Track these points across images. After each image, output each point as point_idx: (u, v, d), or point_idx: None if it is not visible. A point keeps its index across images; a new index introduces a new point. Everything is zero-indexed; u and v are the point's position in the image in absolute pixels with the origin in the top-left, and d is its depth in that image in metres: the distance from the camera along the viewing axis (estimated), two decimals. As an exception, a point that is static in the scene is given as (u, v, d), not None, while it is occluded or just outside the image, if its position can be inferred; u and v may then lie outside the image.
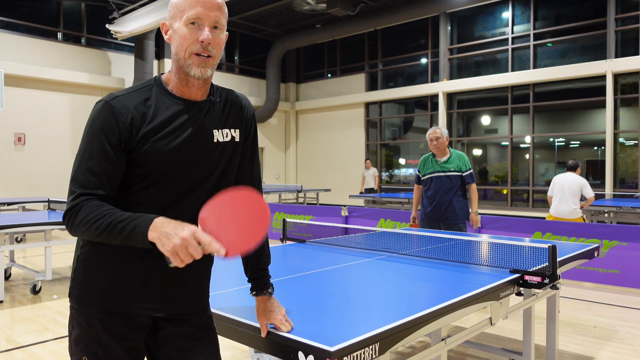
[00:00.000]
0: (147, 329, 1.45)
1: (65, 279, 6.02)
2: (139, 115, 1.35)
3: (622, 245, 5.41)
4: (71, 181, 1.32)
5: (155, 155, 1.35)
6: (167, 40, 1.43)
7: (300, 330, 1.51)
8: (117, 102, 1.34)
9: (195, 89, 1.42)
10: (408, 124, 15.63)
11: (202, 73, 1.37)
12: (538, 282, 2.30)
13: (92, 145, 1.32)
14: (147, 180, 1.37)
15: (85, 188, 1.29)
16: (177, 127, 1.38)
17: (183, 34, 1.36)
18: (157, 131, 1.35)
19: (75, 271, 1.42)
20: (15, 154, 11.61)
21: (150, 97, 1.39)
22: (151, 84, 1.42)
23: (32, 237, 9.23)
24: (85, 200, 1.28)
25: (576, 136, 12.21)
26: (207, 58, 1.38)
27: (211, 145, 1.44)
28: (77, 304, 1.39)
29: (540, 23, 12.38)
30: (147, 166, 1.35)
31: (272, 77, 16.38)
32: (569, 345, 3.74)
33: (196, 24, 1.36)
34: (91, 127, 1.34)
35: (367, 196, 11.92)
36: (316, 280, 2.25)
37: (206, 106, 1.45)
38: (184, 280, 1.46)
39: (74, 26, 12.93)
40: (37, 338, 3.90)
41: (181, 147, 1.38)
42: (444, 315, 1.79)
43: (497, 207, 12.89)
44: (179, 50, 1.38)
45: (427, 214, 4.90)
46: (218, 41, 1.40)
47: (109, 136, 1.32)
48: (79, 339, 1.38)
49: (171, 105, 1.40)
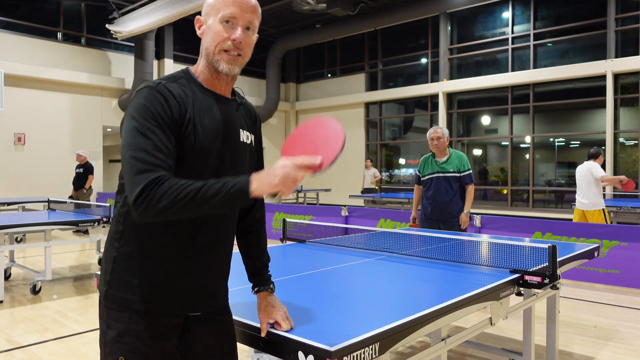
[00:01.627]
0: (180, 330, 1.44)
1: (66, 279, 6.03)
2: (183, 102, 1.35)
3: (622, 245, 5.41)
4: (132, 160, 1.24)
5: (195, 144, 1.34)
6: (200, 35, 1.45)
7: (300, 330, 1.51)
8: (162, 88, 1.34)
9: (224, 84, 1.46)
10: (408, 124, 15.63)
11: (229, 69, 1.40)
12: (538, 282, 2.30)
13: (149, 125, 1.27)
14: (185, 171, 1.34)
15: (153, 166, 1.23)
16: (213, 118, 1.40)
17: (217, 30, 1.39)
18: (195, 120, 1.36)
19: (112, 272, 1.39)
20: (15, 154, 11.61)
21: (185, 87, 1.40)
22: (183, 75, 1.43)
23: (32, 237, 9.23)
24: (160, 177, 1.22)
25: (576, 136, 12.21)
26: (236, 56, 1.41)
27: (239, 143, 1.48)
28: (116, 304, 1.37)
29: (540, 23, 12.38)
30: (188, 155, 1.34)
31: (272, 77, 16.38)
32: (569, 345, 3.74)
33: (230, 22, 1.39)
34: (144, 110, 1.29)
35: (367, 196, 11.92)
36: (316, 280, 2.25)
37: (234, 104, 1.50)
38: (216, 277, 1.49)
39: (74, 26, 12.94)
40: (37, 338, 3.90)
41: (217, 137, 1.40)
42: (444, 315, 1.79)
43: (497, 207, 12.89)
44: (209, 45, 1.40)
45: (427, 214, 4.90)
46: (249, 42, 1.43)
47: (164, 116, 1.29)
48: (116, 339, 1.36)
49: (205, 97, 1.42)
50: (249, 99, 15.43)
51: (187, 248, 1.40)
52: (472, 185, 4.81)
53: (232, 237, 1.55)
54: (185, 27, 14.13)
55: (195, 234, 1.40)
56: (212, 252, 1.46)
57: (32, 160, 11.84)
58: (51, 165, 12.10)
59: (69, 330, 4.10)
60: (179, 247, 1.38)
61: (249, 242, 1.66)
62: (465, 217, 4.74)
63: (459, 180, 4.79)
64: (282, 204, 11.03)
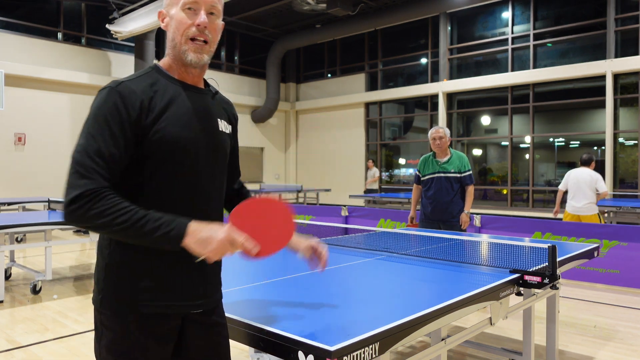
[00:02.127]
0: (176, 333, 1.43)
1: (66, 279, 6.03)
2: (147, 98, 1.33)
3: (622, 245, 5.41)
4: (78, 164, 1.24)
5: (171, 136, 1.34)
6: (164, 28, 1.43)
7: (300, 330, 1.51)
8: (123, 88, 1.32)
9: (194, 75, 1.44)
10: (408, 124, 15.63)
11: (198, 59, 1.39)
12: (538, 282, 2.30)
13: (99, 129, 1.27)
14: (163, 167, 1.34)
15: (94, 173, 1.23)
16: (187, 109, 1.39)
17: (180, 18, 1.37)
18: (167, 112, 1.35)
19: (105, 280, 1.36)
20: (15, 154, 11.61)
21: (156, 82, 1.38)
22: (151, 70, 1.42)
23: (32, 237, 9.23)
24: (100, 190, 1.22)
25: (576, 136, 12.21)
26: (203, 44, 1.38)
27: (218, 132, 1.48)
28: (110, 310, 1.35)
29: (540, 23, 12.38)
30: (163, 150, 1.33)
31: (272, 77, 16.37)
32: (569, 345, 3.74)
33: (192, 9, 1.37)
34: (98, 112, 1.29)
35: (367, 196, 11.93)
36: (316, 280, 2.26)
37: (209, 94, 1.49)
38: (211, 274, 1.49)
39: (74, 26, 12.94)
40: (37, 338, 3.90)
41: (194, 127, 1.39)
42: (444, 315, 1.79)
43: (497, 207, 12.89)
44: (175, 36, 1.38)
45: (427, 214, 4.90)
46: (214, 26, 1.41)
47: (118, 122, 1.28)
48: (112, 344, 1.34)
49: (176, 88, 1.40)
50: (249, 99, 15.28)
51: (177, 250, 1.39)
52: (472, 186, 4.83)
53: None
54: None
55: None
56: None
57: (32, 160, 11.84)
58: (51, 165, 12.10)
59: (69, 330, 4.10)
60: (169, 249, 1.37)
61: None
62: (465, 217, 4.75)
63: (460, 180, 4.80)
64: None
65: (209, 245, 1.21)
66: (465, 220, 4.74)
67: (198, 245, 1.22)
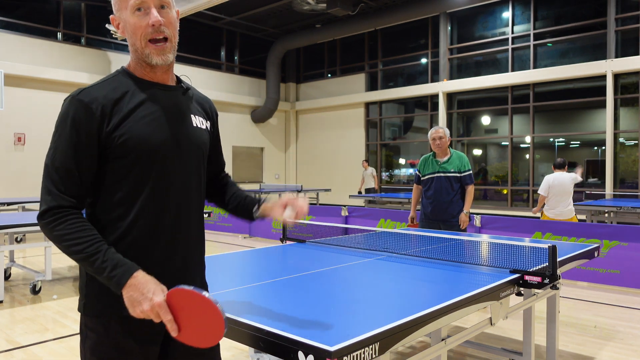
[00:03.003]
0: (162, 335, 1.42)
1: (65, 279, 6.03)
2: (110, 103, 1.32)
3: (622, 245, 5.41)
4: (46, 177, 1.29)
5: (137, 137, 1.32)
6: (121, 34, 1.41)
7: (300, 330, 1.51)
8: (85, 95, 1.31)
9: (162, 74, 1.42)
10: (408, 124, 15.63)
11: (163, 60, 1.37)
12: (538, 282, 2.30)
13: (65, 141, 1.29)
14: (135, 170, 1.34)
15: (61, 187, 1.28)
16: (155, 108, 1.37)
17: (133, 22, 1.34)
18: (133, 114, 1.33)
19: (87, 285, 1.38)
20: (15, 154, 11.61)
21: (120, 85, 1.36)
22: (117, 74, 1.41)
23: (32, 237, 9.23)
24: (63, 210, 1.27)
25: (576, 136, 12.21)
26: (163, 43, 1.36)
27: (192, 128, 1.45)
28: (92, 314, 1.37)
29: (540, 23, 12.38)
30: (132, 153, 1.33)
31: (272, 77, 16.37)
32: (569, 345, 3.74)
33: (142, 9, 1.34)
34: (62, 123, 1.31)
35: (367, 196, 11.93)
36: (316, 280, 2.25)
37: (180, 90, 1.46)
38: (191, 275, 1.47)
39: (74, 26, 12.93)
40: (37, 338, 3.90)
41: (163, 126, 1.37)
42: (444, 315, 1.79)
43: (497, 207, 12.89)
44: (134, 41, 1.36)
45: (427, 214, 4.90)
46: (170, 19, 1.37)
47: (81, 131, 1.29)
48: (94, 347, 1.36)
49: (143, 88, 1.39)
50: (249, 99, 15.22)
51: (156, 250, 1.38)
52: (472, 186, 4.82)
53: (201, 228, 1.53)
54: (185, 27, 14.11)
55: (160, 235, 1.39)
56: (182, 252, 1.44)
57: (32, 160, 11.84)
58: (51, 165, 12.09)
59: (69, 330, 4.10)
60: (149, 250, 1.37)
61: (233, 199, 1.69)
62: (464, 217, 4.74)
63: (460, 180, 4.80)
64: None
65: (137, 306, 1.23)
66: (464, 220, 4.74)
67: (129, 301, 1.24)
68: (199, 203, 1.51)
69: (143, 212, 1.35)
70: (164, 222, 1.39)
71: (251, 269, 2.53)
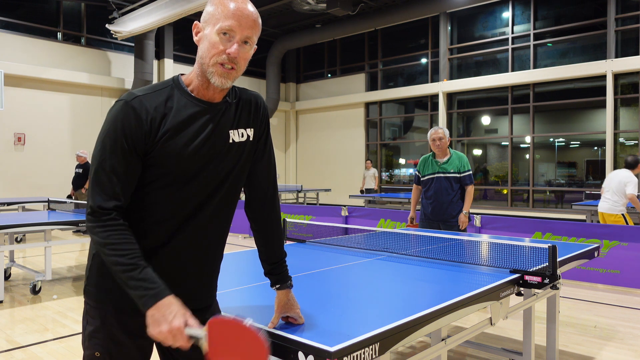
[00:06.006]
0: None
1: (65, 279, 6.02)
2: (159, 116, 1.35)
3: (622, 245, 5.41)
4: (94, 180, 1.32)
5: (172, 155, 1.36)
6: (196, 42, 1.43)
7: (300, 330, 1.51)
8: (137, 103, 1.34)
9: (215, 93, 1.43)
10: (408, 124, 15.63)
11: (222, 83, 1.38)
12: (538, 282, 2.30)
13: (113, 145, 1.32)
14: (163, 180, 1.37)
15: (108, 191, 1.31)
16: (196, 129, 1.39)
17: (213, 41, 1.37)
18: (176, 132, 1.36)
19: (90, 269, 1.42)
20: (15, 154, 11.60)
21: (170, 98, 1.39)
22: (170, 84, 1.42)
23: (32, 237, 9.23)
24: (110, 214, 1.30)
25: (576, 136, 12.21)
26: (230, 70, 1.38)
27: (227, 145, 1.46)
28: (92, 301, 1.41)
29: (540, 23, 12.38)
30: (164, 166, 1.36)
31: (272, 77, 16.37)
32: (569, 345, 3.74)
33: (228, 35, 1.36)
34: (112, 127, 1.33)
35: (367, 196, 11.93)
36: (316, 280, 2.25)
37: (223, 107, 1.47)
38: (197, 279, 1.48)
39: (74, 26, 12.93)
40: (37, 338, 3.90)
41: (199, 148, 1.39)
42: (444, 315, 1.79)
43: (497, 207, 12.89)
44: (204, 55, 1.38)
45: (427, 214, 4.90)
46: (245, 56, 1.41)
47: (129, 138, 1.32)
48: (92, 335, 1.40)
49: (190, 106, 1.40)
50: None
51: (161, 250, 1.40)
52: (471, 186, 4.82)
53: (220, 239, 1.52)
54: (186, 27, 14.12)
55: (172, 237, 1.40)
56: (192, 255, 1.45)
57: (32, 160, 11.84)
58: (51, 165, 12.10)
59: (69, 330, 4.10)
60: (153, 248, 1.39)
61: (260, 240, 1.65)
62: (464, 218, 4.74)
63: (460, 180, 4.80)
64: (282, 204, 11.03)
65: (156, 327, 1.24)
66: (463, 220, 4.74)
67: (150, 320, 1.25)
68: (221, 229, 1.51)
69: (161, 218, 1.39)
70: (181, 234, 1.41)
71: (251, 269, 2.53)
